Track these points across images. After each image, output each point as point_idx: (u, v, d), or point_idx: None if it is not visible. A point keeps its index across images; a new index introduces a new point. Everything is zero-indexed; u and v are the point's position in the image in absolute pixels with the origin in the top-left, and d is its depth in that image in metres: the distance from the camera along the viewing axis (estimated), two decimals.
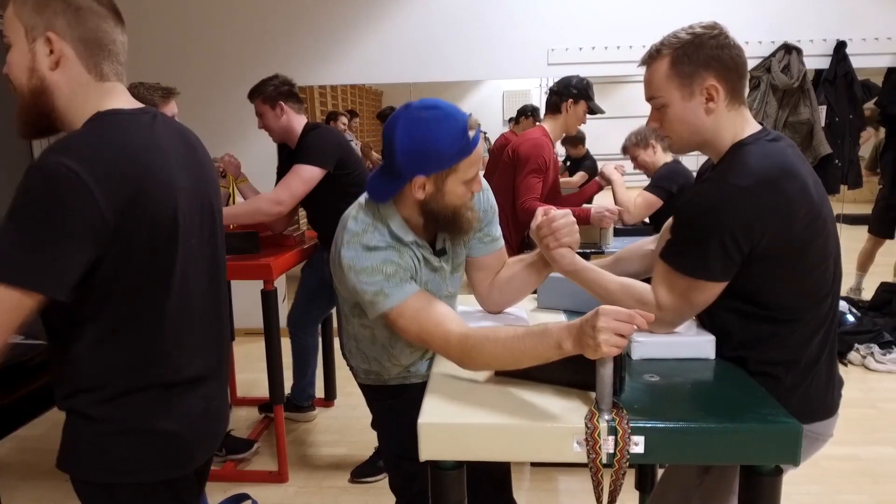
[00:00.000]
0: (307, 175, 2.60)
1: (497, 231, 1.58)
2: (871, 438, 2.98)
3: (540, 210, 1.46)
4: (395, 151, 1.29)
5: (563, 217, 1.41)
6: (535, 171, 2.85)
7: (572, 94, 2.90)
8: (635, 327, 1.07)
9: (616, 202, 3.04)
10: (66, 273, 1.00)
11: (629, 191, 3.14)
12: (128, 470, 1.16)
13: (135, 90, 2.40)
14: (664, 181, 3.08)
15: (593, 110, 2.96)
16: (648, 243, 1.64)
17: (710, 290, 1.29)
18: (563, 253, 1.43)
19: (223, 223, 1.33)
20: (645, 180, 3.21)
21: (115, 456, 1.15)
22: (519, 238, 2.96)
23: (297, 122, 2.78)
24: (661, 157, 3.19)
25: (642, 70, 1.37)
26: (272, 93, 2.74)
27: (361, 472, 2.77)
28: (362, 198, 1.42)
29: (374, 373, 1.56)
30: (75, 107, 1.09)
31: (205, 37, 4.33)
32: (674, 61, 1.29)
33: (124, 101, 1.13)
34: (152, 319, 1.13)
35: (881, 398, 3.43)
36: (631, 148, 3.26)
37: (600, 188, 3.17)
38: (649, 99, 1.36)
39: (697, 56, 1.27)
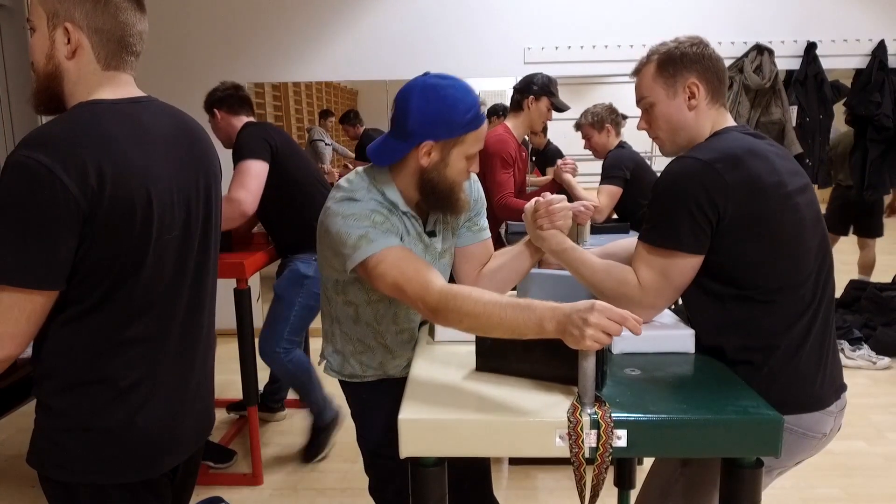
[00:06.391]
0: (253, 169, 2.54)
1: (484, 222, 1.62)
2: (842, 433, 3.02)
3: (538, 198, 1.51)
4: (410, 114, 1.33)
5: (559, 201, 1.48)
6: (503, 165, 2.86)
7: (533, 90, 2.91)
8: (624, 329, 1.06)
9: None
10: (59, 264, 1.03)
11: (587, 192, 3.18)
12: (86, 470, 1.14)
13: None
14: (615, 170, 3.13)
15: (556, 106, 2.96)
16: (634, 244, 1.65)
17: (687, 264, 1.33)
18: (554, 233, 1.49)
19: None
20: (591, 177, 3.25)
21: (74, 454, 1.13)
22: (494, 234, 2.95)
23: (237, 124, 2.73)
24: (614, 140, 3.22)
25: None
26: (206, 101, 2.78)
27: (309, 455, 2.87)
28: (358, 168, 1.45)
29: (349, 366, 1.53)
30: (77, 93, 1.13)
31: (174, 31, 4.25)
32: (659, 65, 1.43)
33: (120, 90, 1.15)
34: (118, 308, 1.11)
35: (851, 393, 3.44)
36: (586, 127, 3.27)
37: (558, 186, 3.18)
38: (639, 101, 1.48)
39: (681, 60, 1.41)
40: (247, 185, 2.51)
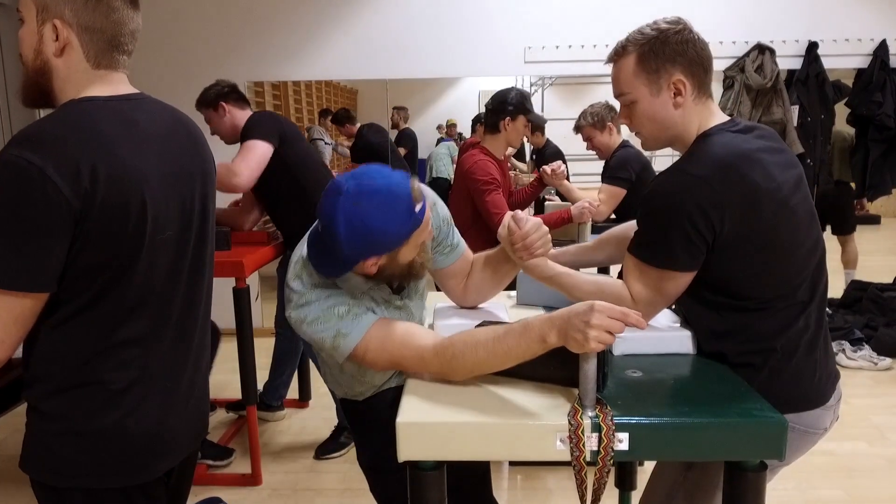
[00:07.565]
0: (257, 149, 2.56)
1: (456, 237, 1.51)
2: (844, 434, 3.01)
3: (508, 216, 1.37)
4: (340, 245, 1.16)
5: (535, 230, 1.34)
6: (492, 188, 2.77)
7: (508, 111, 2.79)
8: (625, 326, 1.05)
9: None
10: (50, 266, 1.01)
11: (586, 192, 3.14)
12: (78, 474, 1.11)
13: None
14: (621, 171, 3.06)
15: (534, 122, 2.89)
16: (631, 228, 1.62)
17: (681, 279, 1.29)
18: (537, 262, 1.41)
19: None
20: (593, 177, 3.19)
21: (65, 458, 1.11)
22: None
23: (242, 117, 2.76)
24: (617, 139, 3.16)
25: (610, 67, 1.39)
26: (212, 96, 2.78)
27: (325, 450, 2.90)
28: (305, 250, 1.29)
29: (351, 394, 1.50)
30: (67, 90, 1.11)
31: (173, 30, 4.24)
32: (640, 58, 1.31)
33: (112, 87, 1.12)
34: (109, 310, 1.09)
35: (853, 394, 3.48)
36: (587, 128, 3.19)
37: (544, 185, 3.14)
38: (618, 96, 1.37)
39: (663, 52, 1.29)
40: (248, 160, 2.54)
